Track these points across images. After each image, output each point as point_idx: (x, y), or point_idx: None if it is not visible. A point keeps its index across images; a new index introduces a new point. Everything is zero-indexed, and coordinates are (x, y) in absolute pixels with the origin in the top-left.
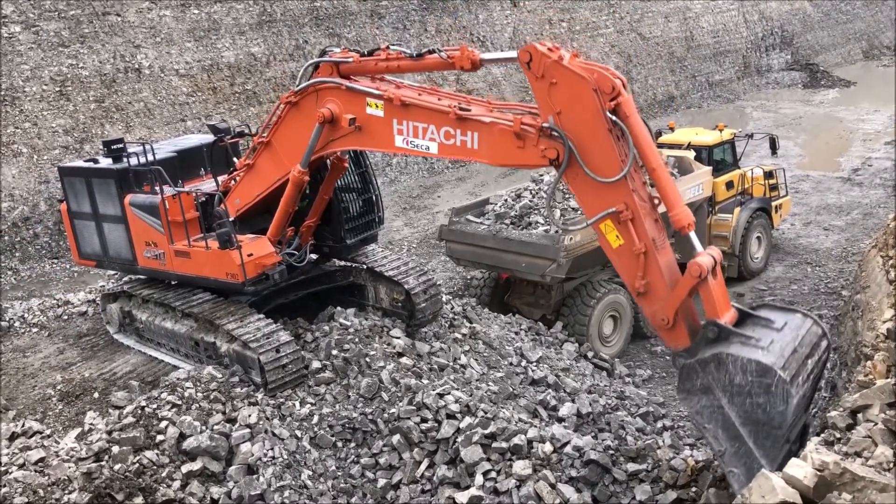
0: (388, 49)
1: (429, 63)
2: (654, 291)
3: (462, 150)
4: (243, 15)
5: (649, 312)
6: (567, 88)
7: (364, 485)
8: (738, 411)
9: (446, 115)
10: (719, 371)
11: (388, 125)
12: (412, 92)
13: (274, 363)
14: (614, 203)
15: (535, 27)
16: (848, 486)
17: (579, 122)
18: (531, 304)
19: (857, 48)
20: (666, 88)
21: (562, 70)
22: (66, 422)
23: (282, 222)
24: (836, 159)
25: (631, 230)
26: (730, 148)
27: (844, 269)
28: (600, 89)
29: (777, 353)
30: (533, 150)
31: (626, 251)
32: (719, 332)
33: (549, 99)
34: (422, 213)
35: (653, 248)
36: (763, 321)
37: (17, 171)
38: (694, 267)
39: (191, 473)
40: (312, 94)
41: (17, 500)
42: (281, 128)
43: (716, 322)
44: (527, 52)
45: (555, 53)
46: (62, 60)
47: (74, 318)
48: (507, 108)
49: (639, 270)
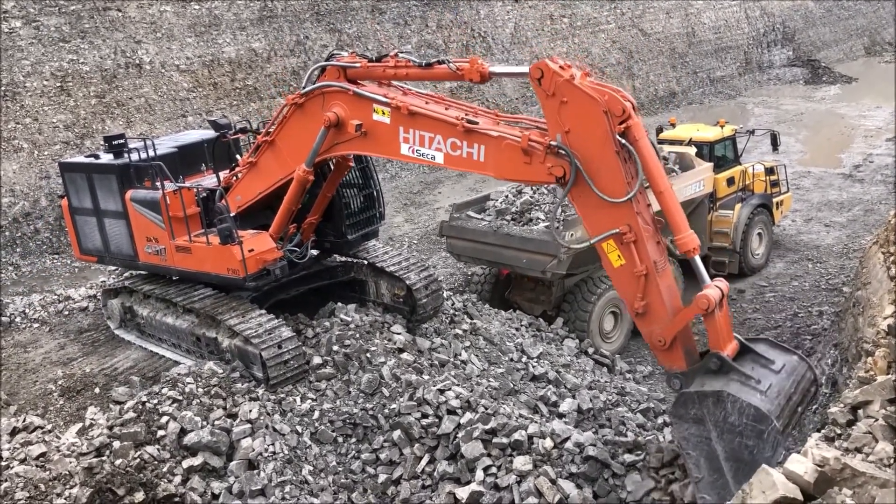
0: (397, 56)
1: (437, 73)
2: (652, 313)
3: (468, 161)
4: (244, 10)
5: (646, 332)
6: (577, 108)
7: (365, 480)
8: (725, 447)
9: (454, 127)
10: (717, 407)
11: (394, 133)
12: (419, 100)
13: (276, 359)
14: (618, 224)
15: (536, 23)
16: (848, 481)
17: (588, 142)
18: (532, 300)
19: (858, 44)
20: (667, 84)
21: (573, 90)
22: (67, 417)
23: (284, 219)
24: (838, 156)
25: (633, 252)
26: (731, 144)
27: (845, 266)
28: (610, 111)
29: (774, 400)
30: (539, 167)
31: (627, 272)
32: (721, 365)
33: (558, 117)
34: (422, 210)
35: (654, 270)
36: (763, 360)
37: (18, 167)
38: (703, 300)
39: (192, 468)
40: (318, 96)
41: (18, 494)
42: (285, 128)
43: (719, 355)
44: (538, 69)
45: (567, 72)
46: (63, 56)
47: (75, 314)
48: (515, 122)
49: (639, 291)
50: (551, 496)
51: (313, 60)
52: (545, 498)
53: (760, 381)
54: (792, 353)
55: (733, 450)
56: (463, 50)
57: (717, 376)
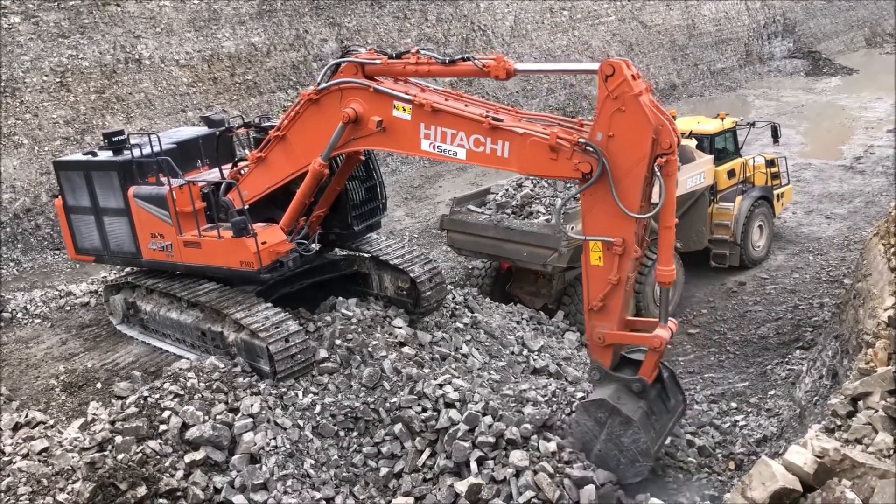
0: (419, 53)
1: (461, 70)
2: (606, 315)
3: (491, 157)
4: (243, 5)
5: (590, 326)
6: (631, 123)
7: (366, 473)
8: (602, 451)
9: (479, 124)
10: (620, 426)
11: (414, 129)
12: (439, 97)
13: (283, 352)
14: (614, 234)
15: (536, 16)
16: (848, 472)
17: (625, 155)
18: (533, 294)
19: (859, 36)
20: (668, 77)
21: (636, 105)
22: (69, 412)
23: (297, 212)
24: (838, 147)
25: (614, 262)
26: (731, 136)
27: (846, 258)
28: (659, 140)
29: (657, 440)
30: (566, 163)
31: (601, 273)
32: (641, 391)
33: (609, 121)
34: (423, 203)
35: (624, 282)
36: (664, 396)
37: (18, 163)
38: (656, 340)
39: (194, 463)
40: (336, 92)
41: (21, 489)
42: (298, 123)
43: (644, 383)
44: (610, 67)
45: (637, 85)
46: (62, 51)
47: (77, 309)
48: (536, 119)
49: (602, 293)
50: (551, 493)
51: (313, 55)
52: (544, 493)
53: (659, 418)
54: (679, 393)
55: (606, 456)
56: (463, 43)
57: (632, 398)
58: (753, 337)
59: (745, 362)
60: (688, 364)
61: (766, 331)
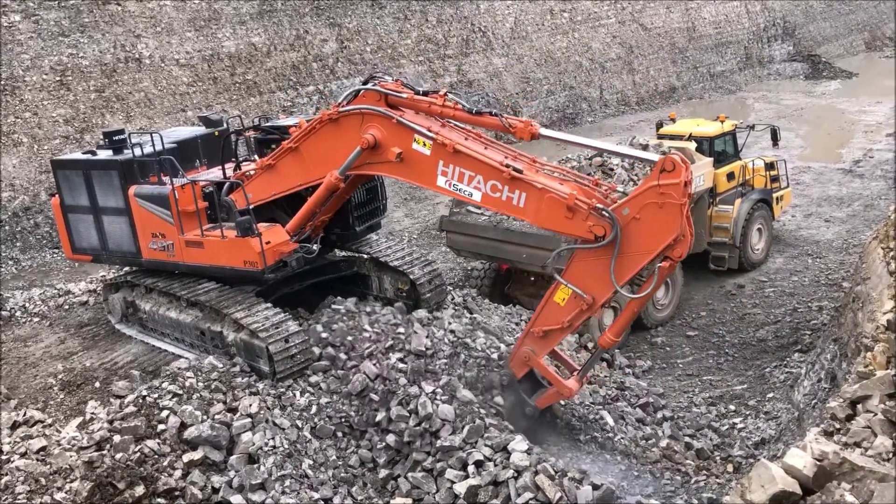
0: (446, 97)
1: (485, 122)
2: (542, 344)
3: (507, 205)
4: (244, 5)
5: (522, 346)
6: (662, 221)
7: (364, 475)
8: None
9: (499, 173)
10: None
11: (433, 165)
12: (459, 136)
13: (283, 353)
14: (589, 293)
15: (536, 17)
16: (847, 475)
17: (641, 241)
18: (532, 295)
19: (859, 39)
20: (667, 79)
21: (675, 211)
22: (67, 411)
23: (305, 219)
24: (838, 151)
25: (575, 311)
26: (731, 139)
27: (845, 261)
28: (675, 245)
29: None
30: (581, 224)
31: (558, 313)
32: (531, 416)
33: (645, 209)
34: (422, 204)
35: (571, 330)
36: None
37: (18, 161)
38: (567, 391)
39: (192, 462)
40: (357, 115)
41: (19, 488)
42: (313, 138)
43: (537, 411)
44: (672, 164)
45: (687, 195)
46: (62, 50)
47: (75, 308)
48: (554, 171)
49: (548, 328)
50: (552, 493)
51: (313, 55)
52: (545, 494)
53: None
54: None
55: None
56: (463, 45)
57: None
58: (752, 340)
59: (744, 365)
60: (686, 366)
61: (765, 334)
